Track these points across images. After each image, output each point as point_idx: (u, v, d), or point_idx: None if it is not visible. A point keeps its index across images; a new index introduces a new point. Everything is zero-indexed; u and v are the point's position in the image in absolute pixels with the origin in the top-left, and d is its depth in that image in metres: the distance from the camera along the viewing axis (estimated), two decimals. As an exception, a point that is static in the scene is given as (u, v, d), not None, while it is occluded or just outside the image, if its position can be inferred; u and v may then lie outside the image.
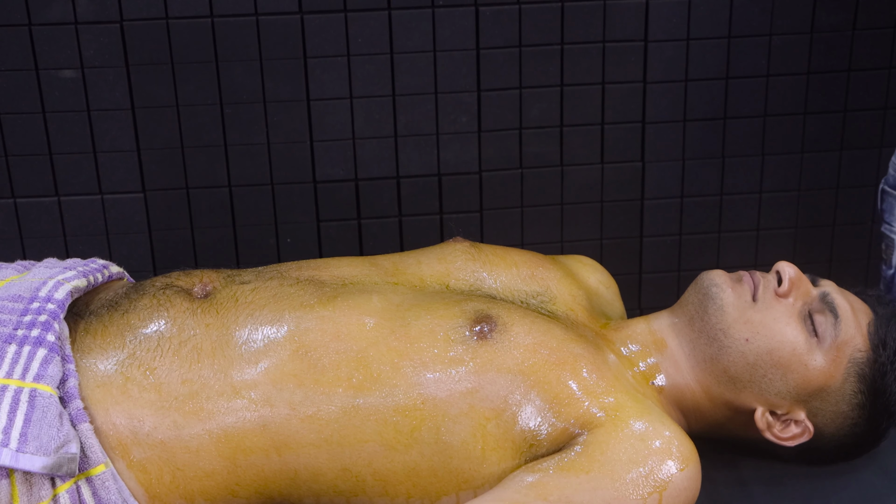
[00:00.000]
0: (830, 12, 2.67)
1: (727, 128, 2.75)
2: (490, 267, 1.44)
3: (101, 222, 2.64)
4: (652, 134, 2.74)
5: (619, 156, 2.76)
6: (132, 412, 1.24)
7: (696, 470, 1.23)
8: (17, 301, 1.29)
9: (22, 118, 2.55)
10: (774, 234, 2.87)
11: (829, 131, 2.79)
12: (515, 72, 2.64)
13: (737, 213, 2.84)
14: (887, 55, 2.72)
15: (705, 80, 2.70)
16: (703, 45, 2.66)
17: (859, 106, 2.76)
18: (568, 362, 1.28)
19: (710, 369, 1.37)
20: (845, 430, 1.38)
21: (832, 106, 2.76)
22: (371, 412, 1.24)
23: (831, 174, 2.83)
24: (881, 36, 2.71)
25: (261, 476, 1.25)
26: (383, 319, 1.30)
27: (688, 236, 2.85)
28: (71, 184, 2.62)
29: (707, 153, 2.78)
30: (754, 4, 2.64)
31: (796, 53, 2.69)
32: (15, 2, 2.45)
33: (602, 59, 2.66)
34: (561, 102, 2.69)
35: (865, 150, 2.82)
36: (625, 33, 2.65)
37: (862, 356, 1.36)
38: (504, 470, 1.25)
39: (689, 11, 2.63)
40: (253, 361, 1.26)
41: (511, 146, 2.70)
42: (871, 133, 2.80)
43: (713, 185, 2.80)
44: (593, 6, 2.61)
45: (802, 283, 1.38)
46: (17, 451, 1.15)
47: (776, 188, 2.82)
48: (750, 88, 2.72)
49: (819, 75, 2.73)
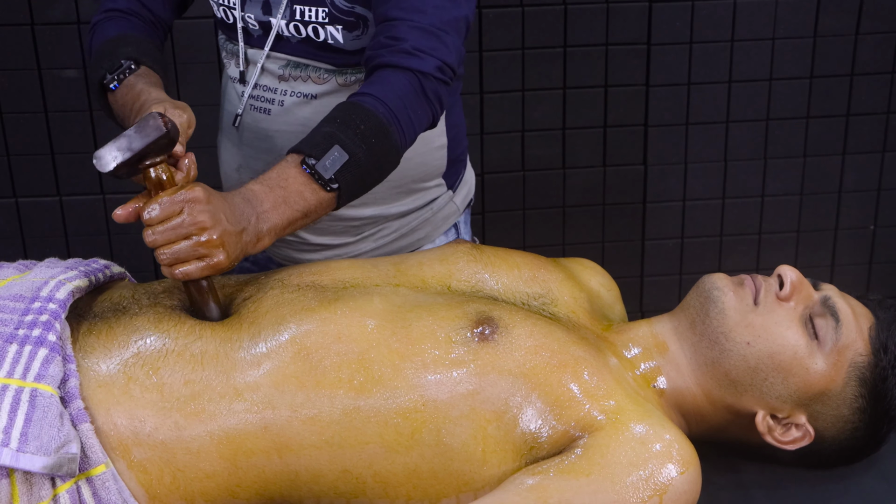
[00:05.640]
0: (834, 17, 2.67)
1: (729, 131, 2.76)
2: (492, 268, 1.44)
3: (102, 222, 2.65)
4: (654, 137, 2.74)
5: (621, 159, 2.76)
6: (133, 412, 1.24)
7: (697, 473, 1.23)
8: (19, 301, 1.29)
9: (24, 118, 2.56)
10: (776, 237, 2.87)
11: (832, 135, 2.79)
12: (518, 74, 2.65)
13: (739, 217, 2.84)
14: (890, 60, 2.72)
15: (708, 84, 2.70)
16: (705, 48, 2.67)
17: (862, 110, 2.77)
18: (569, 365, 1.28)
19: (712, 372, 1.37)
20: (846, 434, 1.38)
21: (835, 110, 2.77)
22: (372, 414, 1.24)
23: (834, 178, 2.83)
24: (884, 40, 2.71)
25: (261, 477, 1.25)
26: (384, 321, 1.30)
27: (689, 239, 2.86)
28: (73, 184, 2.63)
29: (709, 157, 2.78)
30: (757, 9, 2.64)
31: (800, 57, 2.70)
32: (18, 2, 2.46)
33: (605, 61, 2.66)
34: (563, 105, 2.69)
35: (868, 154, 2.82)
36: (628, 36, 2.66)
37: (863, 360, 1.36)
38: (504, 472, 1.25)
39: (692, 15, 2.64)
40: (255, 364, 1.26)
41: (513, 148, 2.70)
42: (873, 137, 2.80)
43: (715, 189, 2.81)
44: (596, 9, 2.62)
45: (804, 287, 1.38)
46: (17, 451, 1.15)
47: (778, 192, 2.82)
48: (753, 92, 2.72)
49: (822, 79, 2.73)
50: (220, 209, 1.23)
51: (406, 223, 1.70)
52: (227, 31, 1.62)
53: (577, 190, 2.78)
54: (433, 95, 1.41)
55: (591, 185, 2.77)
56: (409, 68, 1.39)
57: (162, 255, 1.23)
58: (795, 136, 2.77)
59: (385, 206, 1.66)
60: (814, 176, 2.82)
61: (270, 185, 1.30)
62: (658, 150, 2.76)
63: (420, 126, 1.42)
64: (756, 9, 2.64)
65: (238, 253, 1.26)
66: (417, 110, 1.40)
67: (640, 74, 2.69)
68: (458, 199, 1.75)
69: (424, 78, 1.40)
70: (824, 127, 2.77)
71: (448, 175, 1.71)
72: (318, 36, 1.53)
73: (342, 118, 1.35)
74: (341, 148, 1.32)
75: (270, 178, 1.31)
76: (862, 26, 2.68)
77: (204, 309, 1.31)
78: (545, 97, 2.68)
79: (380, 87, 1.38)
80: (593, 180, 2.77)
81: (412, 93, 1.39)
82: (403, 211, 1.69)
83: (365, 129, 1.34)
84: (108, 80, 1.51)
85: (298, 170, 1.31)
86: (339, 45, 1.53)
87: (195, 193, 1.22)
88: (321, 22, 1.51)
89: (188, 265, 1.23)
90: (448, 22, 1.42)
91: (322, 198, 1.32)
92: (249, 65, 1.61)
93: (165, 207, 1.22)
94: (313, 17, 1.51)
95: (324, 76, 1.56)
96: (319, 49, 1.54)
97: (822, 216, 2.86)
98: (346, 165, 1.32)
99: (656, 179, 2.79)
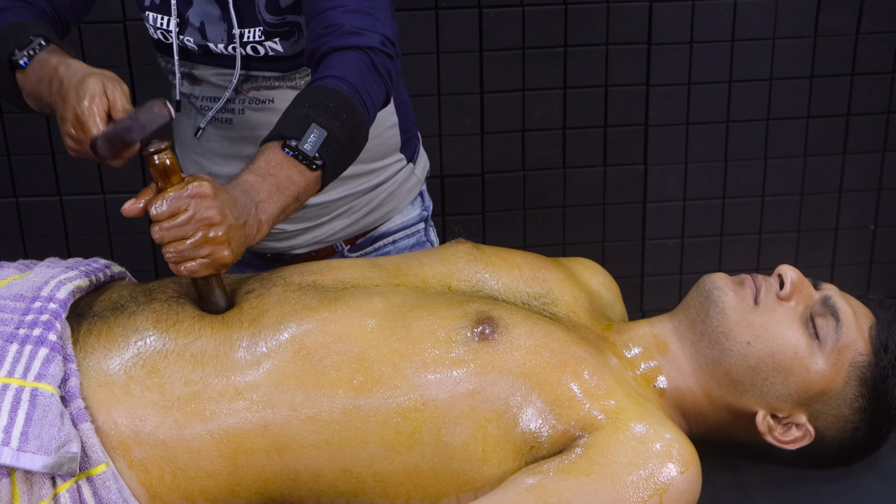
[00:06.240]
0: (834, 17, 2.67)
1: (730, 131, 2.76)
2: (492, 268, 1.44)
3: (102, 222, 2.65)
4: (655, 137, 2.74)
5: (621, 158, 2.77)
6: (134, 412, 1.24)
7: (697, 473, 1.23)
8: (19, 300, 1.29)
9: (24, 118, 2.56)
10: (777, 237, 2.87)
11: (832, 135, 2.79)
12: (518, 74, 2.65)
13: (739, 217, 2.84)
14: (890, 60, 2.72)
15: (708, 84, 2.70)
16: (706, 48, 2.67)
17: (862, 110, 2.77)
18: (569, 364, 1.28)
19: (712, 372, 1.37)
20: (846, 434, 1.38)
21: (835, 110, 2.77)
22: (372, 413, 1.24)
23: (834, 178, 2.83)
24: (884, 40, 2.71)
25: (262, 476, 1.26)
26: (385, 320, 1.30)
27: (690, 239, 2.86)
28: (73, 183, 2.63)
29: (709, 156, 2.78)
30: (758, 8, 2.64)
31: (800, 57, 2.70)
32: (19, 1, 2.45)
33: (605, 61, 2.66)
34: (564, 105, 2.69)
35: (868, 154, 2.82)
36: (628, 36, 2.66)
37: (863, 360, 1.36)
38: (505, 472, 1.25)
39: (692, 15, 2.64)
40: (255, 363, 1.26)
41: (514, 148, 2.70)
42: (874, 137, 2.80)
43: (716, 189, 2.81)
44: (597, 9, 2.62)
45: (804, 287, 1.38)
46: (17, 451, 1.15)
47: (779, 192, 2.82)
48: (753, 92, 2.72)
49: (822, 79, 2.73)
50: (225, 204, 1.23)
51: (374, 196, 1.75)
52: (166, 52, 1.66)
53: (577, 190, 2.78)
54: (383, 70, 1.45)
55: (591, 184, 2.77)
56: (356, 46, 1.43)
57: (168, 253, 1.23)
58: (795, 136, 2.77)
59: (351, 185, 1.72)
60: (814, 176, 2.82)
61: (262, 175, 1.31)
62: (658, 150, 2.76)
63: (378, 100, 1.45)
64: (756, 9, 2.64)
65: (241, 247, 1.26)
66: (373, 85, 1.43)
67: (641, 74, 2.69)
68: (418, 171, 1.83)
69: (373, 53, 1.43)
70: (824, 127, 2.77)
71: (405, 149, 1.78)
72: (258, 52, 1.59)
73: (310, 101, 1.37)
74: (318, 126, 1.34)
75: (260, 167, 1.32)
76: (862, 26, 2.68)
77: (211, 301, 1.31)
78: (545, 97, 2.68)
79: (336, 69, 1.41)
80: (593, 180, 2.77)
81: (366, 69, 1.43)
82: (369, 186, 1.74)
83: (334, 107, 1.36)
84: (18, 56, 1.45)
85: (283, 155, 1.32)
86: (281, 54, 1.58)
87: (203, 188, 1.22)
88: (258, 40, 1.57)
89: (193, 262, 1.23)
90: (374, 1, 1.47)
91: (309, 178, 1.33)
92: (202, 83, 1.66)
93: (172, 203, 1.22)
94: (251, 37, 1.57)
95: (274, 83, 1.62)
96: (263, 61, 1.60)
97: (823, 216, 2.86)
98: (326, 142, 1.34)
99: (656, 179, 2.79)
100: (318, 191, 1.37)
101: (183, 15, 1.60)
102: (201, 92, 1.67)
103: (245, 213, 1.26)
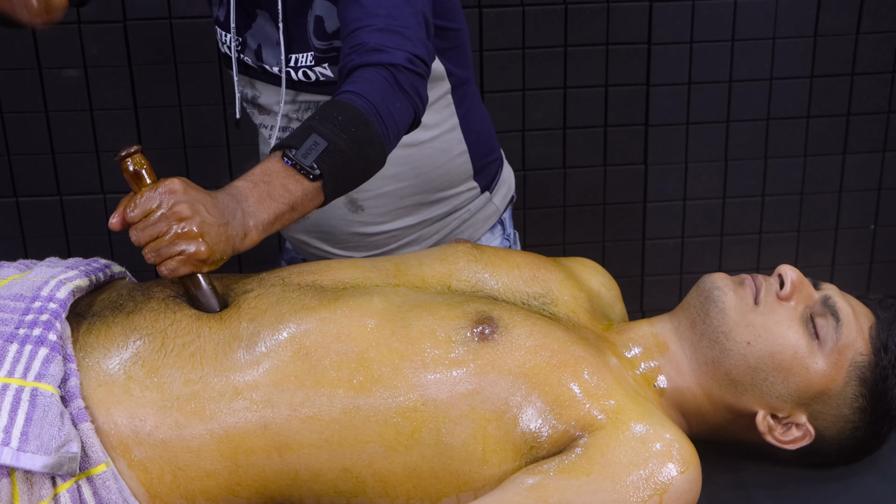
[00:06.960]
0: (834, 16, 2.67)
1: (730, 131, 2.76)
2: (492, 268, 1.44)
3: (102, 222, 2.65)
4: (655, 137, 2.74)
5: (621, 158, 2.77)
6: (134, 411, 1.24)
7: (697, 473, 1.23)
8: (19, 300, 1.29)
9: (24, 117, 2.56)
10: (777, 237, 2.88)
11: (832, 135, 2.79)
12: (519, 74, 2.65)
13: (739, 217, 2.85)
14: (890, 59, 2.72)
15: (708, 84, 2.70)
16: (706, 48, 2.67)
17: (862, 110, 2.77)
18: (569, 364, 1.28)
19: (712, 372, 1.37)
20: (846, 434, 1.38)
21: (835, 109, 2.77)
22: (372, 413, 1.24)
23: (834, 178, 2.83)
24: (884, 40, 2.71)
25: (261, 476, 1.26)
26: (384, 320, 1.30)
27: (690, 239, 2.86)
28: (73, 183, 2.63)
29: (709, 156, 2.78)
30: (758, 8, 2.64)
31: (800, 57, 2.70)
32: (18, 1, 2.45)
33: (605, 61, 2.66)
34: (564, 104, 2.69)
35: (868, 154, 2.82)
36: (628, 36, 2.66)
37: (863, 360, 1.36)
38: (505, 472, 1.25)
39: (692, 14, 2.64)
40: (255, 363, 1.26)
41: (514, 148, 2.70)
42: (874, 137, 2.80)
43: (716, 188, 2.81)
44: (597, 9, 2.62)
45: (804, 287, 1.38)
46: (17, 450, 1.15)
47: (779, 191, 2.82)
48: (753, 91, 2.72)
49: (822, 79, 2.73)
50: (197, 200, 1.23)
51: (444, 225, 1.77)
52: (230, 65, 1.70)
53: (577, 190, 2.78)
54: (409, 87, 1.44)
55: (591, 184, 2.77)
56: (378, 63, 1.42)
57: (147, 255, 1.23)
58: (795, 135, 2.77)
59: (420, 214, 1.73)
60: (814, 176, 2.82)
61: (254, 181, 1.31)
62: (658, 150, 2.76)
63: (401, 117, 1.44)
64: (756, 9, 2.64)
65: (223, 246, 1.25)
66: (395, 102, 1.42)
67: (641, 74, 2.69)
68: (497, 199, 1.82)
69: (396, 70, 1.43)
70: (824, 127, 2.77)
71: (479, 177, 1.78)
72: (310, 77, 1.61)
73: (320, 114, 1.37)
74: (318, 136, 1.33)
75: (254, 174, 1.32)
76: (862, 26, 2.68)
77: (201, 301, 1.31)
78: (545, 97, 2.68)
79: (354, 84, 1.41)
80: (593, 180, 2.77)
81: (387, 85, 1.42)
82: (439, 215, 1.75)
83: (343, 120, 1.36)
84: None
85: (281, 163, 1.32)
86: (331, 79, 1.61)
87: (172, 185, 1.23)
88: (309, 65, 1.60)
89: (172, 261, 1.23)
90: (405, 18, 1.46)
91: (307, 188, 1.32)
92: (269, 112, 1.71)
93: (144, 203, 1.22)
94: (303, 62, 1.60)
95: None
96: (314, 86, 1.62)
97: (823, 216, 2.86)
98: (325, 152, 1.33)
99: (657, 179, 2.79)
100: (321, 203, 1.36)
101: (242, 34, 1.64)
102: (269, 121, 1.71)
103: (227, 213, 1.25)
